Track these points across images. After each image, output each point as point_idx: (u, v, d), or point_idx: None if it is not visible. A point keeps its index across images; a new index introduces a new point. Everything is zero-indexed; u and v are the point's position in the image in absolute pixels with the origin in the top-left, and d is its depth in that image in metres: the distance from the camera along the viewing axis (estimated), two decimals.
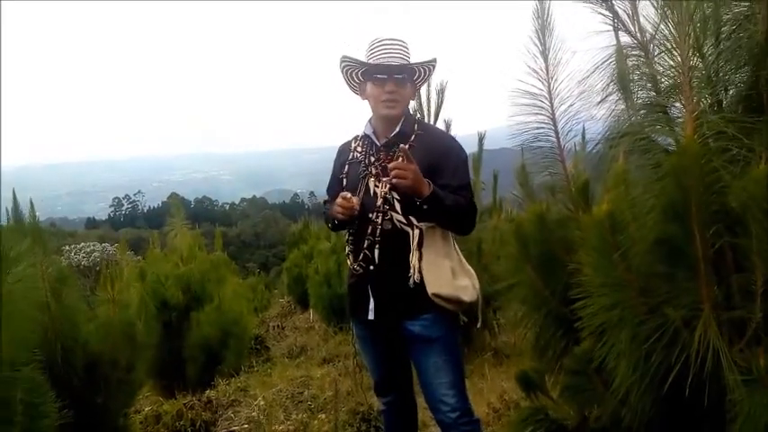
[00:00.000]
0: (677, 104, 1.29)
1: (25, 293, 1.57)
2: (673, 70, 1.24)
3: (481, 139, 4.79)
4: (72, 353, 2.83)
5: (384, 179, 2.09)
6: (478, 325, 2.20)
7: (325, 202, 2.45)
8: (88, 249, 12.72)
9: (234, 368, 5.55)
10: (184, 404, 4.09)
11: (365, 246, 2.13)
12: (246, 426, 3.70)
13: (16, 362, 1.50)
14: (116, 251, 11.90)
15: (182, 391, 4.58)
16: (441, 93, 4.31)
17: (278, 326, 9.26)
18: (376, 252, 2.12)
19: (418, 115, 4.17)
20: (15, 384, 1.48)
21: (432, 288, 2.07)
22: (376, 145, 2.23)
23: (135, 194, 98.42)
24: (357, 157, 2.26)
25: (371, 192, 2.15)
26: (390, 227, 2.11)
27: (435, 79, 4.36)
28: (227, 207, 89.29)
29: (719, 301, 1.14)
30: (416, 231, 2.10)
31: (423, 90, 4.31)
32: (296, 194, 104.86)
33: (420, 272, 2.08)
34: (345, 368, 4.39)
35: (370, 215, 2.13)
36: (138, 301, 4.04)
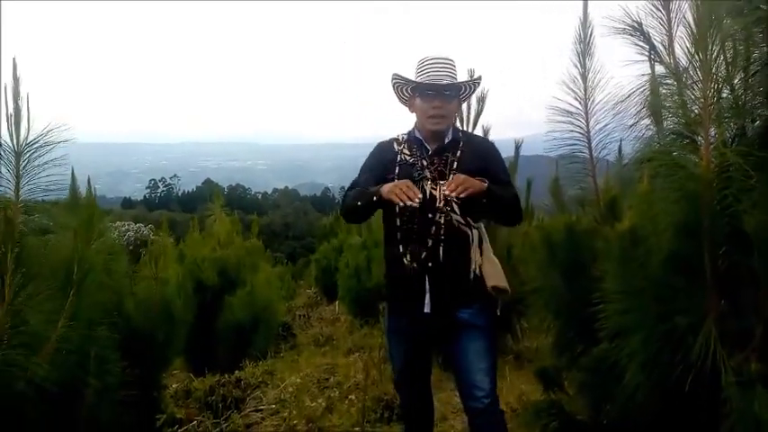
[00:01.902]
0: (701, 134, 1.41)
1: (104, 264, 1.78)
2: (698, 101, 1.37)
3: (518, 147, 4.87)
4: (115, 326, 3.03)
5: (440, 182, 2.25)
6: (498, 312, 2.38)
7: (349, 188, 2.49)
8: (123, 228, 12.90)
9: (261, 352, 5.76)
10: (216, 381, 4.29)
11: (430, 244, 2.27)
12: (274, 405, 3.89)
13: (93, 322, 1.71)
14: (150, 231, 12.17)
15: (211, 371, 4.77)
16: (481, 101, 4.41)
17: (304, 315, 9.46)
18: (440, 250, 2.27)
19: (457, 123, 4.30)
20: (92, 342, 1.69)
21: (491, 281, 2.28)
22: (427, 150, 2.38)
23: (171, 178, 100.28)
24: (407, 160, 2.38)
25: (428, 194, 2.28)
26: (450, 226, 2.27)
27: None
28: (260, 196, 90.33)
29: (726, 313, 1.27)
30: (475, 231, 2.30)
31: None
32: (327, 188, 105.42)
33: (479, 266, 2.29)
34: (371, 359, 4.55)
35: (430, 215, 2.27)
36: (176, 281, 4.24)
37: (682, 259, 1.28)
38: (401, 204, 2.12)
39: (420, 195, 2.12)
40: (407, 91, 2.43)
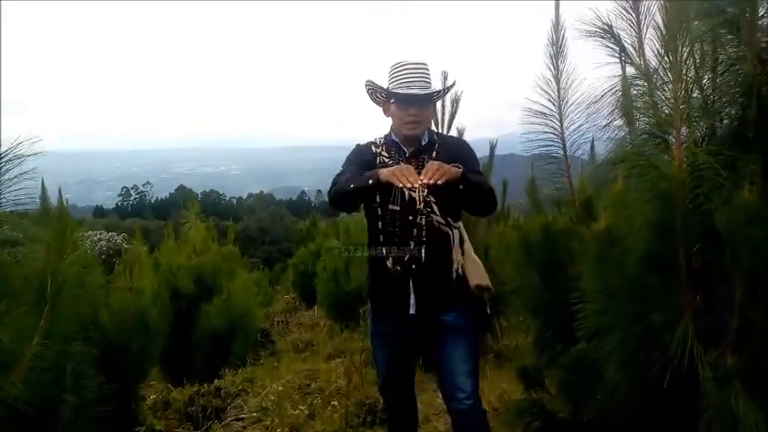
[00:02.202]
0: (673, 134, 1.44)
1: (79, 276, 1.74)
2: (668, 102, 1.39)
3: (492, 147, 4.89)
4: (90, 340, 2.96)
5: (417, 185, 2.15)
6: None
7: (337, 176, 2.40)
8: (95, 238, 12.63)
9: (240, 359, 5.70)
10: (195, 391, 4.23)
11: (412, 246, 2.29)
12: (256, 414, 3.85)
13: (68, 337, 1.67)
14: (123, 240, 11.95)
15: (189, 380, 4.70)
16: (455, 102, 4.43)
17: (282, 321, 9.37)
18: (423, 251, 2.29)
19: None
20: (67, 358, 1.64)
21: (474, 280, 2.31)
22: (404, 153, 2.39)
23: (143, 185, 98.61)
24: (386, 163, 2.37)
25: (407, 196, 2.28)
26: (431, 228, 2.29)
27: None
28: (235, 201, 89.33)
29: (701, 309, 1.30)
30: (455, 231, 2.33)
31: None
32: (303, 192, 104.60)
33: (461, 266, 2.33)
34: (353, 363, 4.53)
35: (411, 218, 2.29)
36: (151, 291, 4.15)
37: (656, 258, 1.31)
38: (400, 186, 2.04)
39: (421, 179, 2.00)
40: (382, 95, 2.43)
